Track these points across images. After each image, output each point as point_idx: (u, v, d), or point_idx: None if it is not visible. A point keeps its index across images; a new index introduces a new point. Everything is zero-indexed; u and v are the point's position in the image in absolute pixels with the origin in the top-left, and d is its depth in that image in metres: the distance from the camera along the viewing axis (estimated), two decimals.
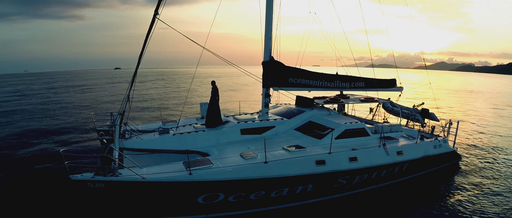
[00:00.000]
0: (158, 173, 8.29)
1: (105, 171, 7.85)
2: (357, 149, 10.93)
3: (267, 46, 13.24)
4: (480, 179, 13.78)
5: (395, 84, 16.87)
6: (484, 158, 16.92)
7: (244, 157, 9.55)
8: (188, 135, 11.27)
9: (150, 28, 10.54)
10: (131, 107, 11.20)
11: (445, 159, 14.25)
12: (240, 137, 11.71)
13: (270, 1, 12.92)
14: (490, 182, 13.45)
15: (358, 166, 10.67)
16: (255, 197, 9.37)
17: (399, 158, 11.89)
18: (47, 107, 35.25)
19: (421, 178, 13.40)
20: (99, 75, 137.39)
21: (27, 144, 18.42)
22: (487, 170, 15.01)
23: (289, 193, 9.85)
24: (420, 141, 13.11)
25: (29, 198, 11.17)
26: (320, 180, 10.12)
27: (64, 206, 10.17)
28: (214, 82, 12.50)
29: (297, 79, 13.94)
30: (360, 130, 12.36)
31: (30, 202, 10.79)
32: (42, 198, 11.06)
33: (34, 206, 10.52)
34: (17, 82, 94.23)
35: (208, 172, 8.52)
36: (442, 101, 43.93)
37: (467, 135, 22.47)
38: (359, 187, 11.45)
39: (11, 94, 51.98)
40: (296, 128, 12.76)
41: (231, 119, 13.04)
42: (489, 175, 14.34)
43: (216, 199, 8.86)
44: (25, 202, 10.81)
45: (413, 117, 16.01)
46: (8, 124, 25.17)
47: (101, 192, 7.80)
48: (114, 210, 8.46)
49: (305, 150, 10.39)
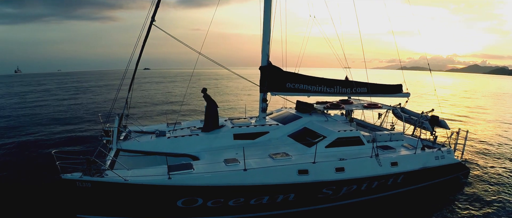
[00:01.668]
0: (141, 175, 8.56)
1: (92, 172, 8.26)
2: (345, 159, 10.56)
3: (264, 50, 13.14)
4: (485, 195, 12.86)
5: (401, 90, 16.16)
6: (497, 172, 15.63)
7: (226, 163, 9.56)
8: (182, 138, 11.46)
9: (147, 34, 11.02)
10: (129, 108, 11.63)
11: (449, 171, 13.46)
12: (232, 142, 11.70)
13: (268, 5, 12.82)
14: (499, 199, 12.46)
15: (344, 176, 10.29)
16: (234, 204, 9.39)
17: (393, 170, 11.35)
18: (71, 106, 36.87)
19: (421, 190, 12.77)
20: (129, 75, 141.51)
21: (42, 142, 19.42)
22: (499, 185, 13.93)
23: (269, 201, 9.74)
24: (420, 151, 12.49)
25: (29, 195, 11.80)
26: (302, 190, 9.87)
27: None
28: (205, 90, 12.63)
29: (294, 85, 13.70)
30: (355, 138, 11.94)
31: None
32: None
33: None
34: (51, 81, 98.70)
35: (187, 176, 8.67)
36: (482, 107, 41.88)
37: (487, 146, 20.91)
38: (348, 198, 11.06)
39: (44, 92, 54.72)
40: (289, 134, 12.49)
41: (229, 122, 13.06)
42: (497, 190, 13.33)
43: (194, 203, 9.01)
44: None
45: (420, 125, 15.14)
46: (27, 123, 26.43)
47: (89, 191, 8.29)
48: (100, 209, 8.86)
49: (291, 158, 10.18)
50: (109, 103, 40.05)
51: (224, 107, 35.25)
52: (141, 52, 11.30)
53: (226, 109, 34.68)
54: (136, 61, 11.43)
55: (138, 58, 11.40)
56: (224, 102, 40.19)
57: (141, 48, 11.22)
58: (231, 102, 40.19)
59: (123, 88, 11.57)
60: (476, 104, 46.49)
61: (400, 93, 16.14)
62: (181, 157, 10.85)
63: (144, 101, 41.43)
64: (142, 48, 11.23)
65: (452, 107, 41.01)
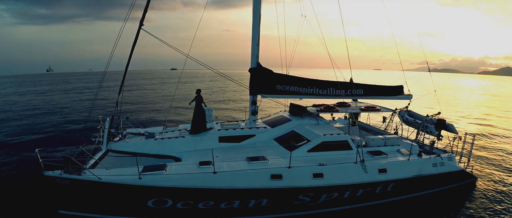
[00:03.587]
0: (115, 175, 8.84)
1: (70, 170, 8.71)
2: (325, 164, 10.19)
3: (253, 52, 13.01)
4: (491, 207, 11.84)
5: (402, 92, 15.26)
6: (510, 184, 14.36)
7: (200, 165, 9.60)
8: (168, 140, 11.64)
9: (136, 38, 11.25)
10: (120, 111, 11.93)
11: (450, 179, 12.72)
12: (217, 144, 11.72)
13: (257, 6, 12.70)
14: (507, 214, 11.48)
15: (323, 183, 9.92)
16: (204, 207, 9.40)
17: (381, 177, 10.81)
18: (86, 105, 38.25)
19: (417, 200, 12.03)
20: (156, 75, 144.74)
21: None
22: (510, 198, 12.76)
23: (240, 206, 9.64)
24: (416, 158, 11.86)
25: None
26: (276, 196, 9.65)
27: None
28: (199, 91, 12.76)
29: (285, 87, 13.44)
30: (342, 142, 11.51)
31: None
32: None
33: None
34: (79, 80, 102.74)
35: (156, 177, 8.83)
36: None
37: (505, 154, 19.51)
38: (329, 206, 10.64)
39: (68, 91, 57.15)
40: (276, 137, 12.26)
41: (219, 125, 13.09)
42: (506, 204, 12.17)
43: (165, 204, 9.13)
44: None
45: (425, 128, 14.34)
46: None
47: (67, 188, 8.76)
48: (79, 206, 9.25)
49: (267, 162, 10.00)
50: (129, 104, 41.33)
51: (229, 108, 35.49)
52: (130, 55, 11.57)
53: (229, 110, 34.80)
54: (126, 64, 11.74)
55: (128, 61, 11.70)
56: (230, 103, 40.33)
57: (130, 52, 11.53)
58: (240, 103, 40.28)
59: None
60: (504, 108, 44.23)
61: (402, 95, 15.26)
62: (165, 158, 11.04)
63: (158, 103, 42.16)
64: (131, 52, 11.52)
65: (478, 112, 39.24)
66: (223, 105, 38.95)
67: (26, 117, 30.35)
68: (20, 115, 31.71)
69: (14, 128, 24.88)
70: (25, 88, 69.89)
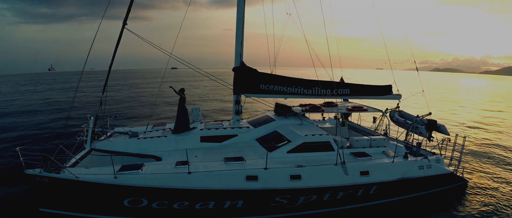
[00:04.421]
0: (93, 174, 8.92)
1: (48, 168, 8.84)
2: (303, 165, 10.01)
3: (237, 51, 12.98)
4: (481, 212, 11.46)
5: (391, 91, 15.03)
6: (503, 188, 13.76)
7: (176, 165, 9.61)
8: (151, 140, 11.70)
9: (119, 37, 11.34)
10: (105, 109, 12.01)
11: (438, 182, 12.37)
12: (199, 144, 11.73)
13: (241, 4, 12.66)
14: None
15: (300, 185, 9.75)
16: (178, 207, 9.41)
17: (362, 180, 10.55)
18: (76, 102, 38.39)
19: (402, 203, 11.74)
20: (157, 75, 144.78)
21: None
22: (501, 204, 12.30)
23: (216, 207, 9.59)
24: (401, 160, 11.55)
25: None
26: (251, 197, 9.57)
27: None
28: (183, 90, 12.80)
29: (269, 86, 13.36)
30: (324, 143, 11.33)
31: None
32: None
33: None
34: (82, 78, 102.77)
35: (132, 177, 8.89)
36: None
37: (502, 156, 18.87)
38: (308, 208, 10.46)
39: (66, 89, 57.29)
40: (257, 138, 12.18)
41: (202, 125, 13.09)
42: (496, 208, 11.79)
43: (140, 204, 9.19)
44: None
45: (415, 129, 14.04)
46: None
47: (47, 186, 8.89)
48: (59, 204, 9.36)
49: (243, 163, 9.92)
50: (119, 102, 41.33)
51: (219, 108, 35.50)
52: (114, 55, 11.67)
53: (219, 110, 34.89)
54: (110, 64, 11.83)
55: (112, 60, 11.79)
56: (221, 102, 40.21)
57: (114, 51, 11.63)
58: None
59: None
60: (503, 108, 44.08)
61: (390, 95, 15.05)
62: (146, 157, 11.11)
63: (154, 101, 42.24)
64: (115, 51, 11.62)
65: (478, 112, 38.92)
66: (222, 105, 39.06)
67: (16, 114, 30.71)
68: (14, 112, 32.03)
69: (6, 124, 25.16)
70: (24, 88, 70.11)
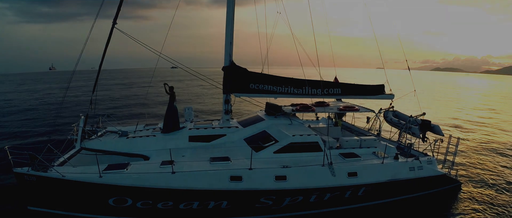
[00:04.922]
0: (78, 172, 8.98)
1: (36, 167, 8.88)
2: (289, 166, 9.90)
3: (227, 50, 12.97)
4: (477, 212, 11.32)
5: (383, 91, 14.83)
6: (497, 190, 13.61)
7: (161, 165, 9.59)
8: (140, 139, 11.74)
9: (109, 37, 11.42)
10: (95, 109, 12.07)
11: (430, 184, 12.21)
12: (187, 144, 11.74)
13: (231, 4, 12.67)
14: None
15: (286, 186, 9.65)
16: (163, 207, 9.41)
17: (350, 181, 10.42)
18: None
19: (395, 205, 11.60)
20: (157, 74, 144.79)
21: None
22: (494, 205, 12.15)
23: (200, 207, 9.58)
24: (392, 161, 11.39)
25: None
26: (236, 198, 9.53)
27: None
28: (172, 88, 12.82)
29: (259, 86, 13.29)
30: (312, 144, 11.23)
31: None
32: None
33: None
34: (80, 78, 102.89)
35: (116, 176, 8.93)
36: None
37: (497, 158, 18.73)
38: (294, 210, 10.37)
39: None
40: (246, 137, 12.10)
41: (192, 124, 13.08)
42: (489, 210, 11.67)
43: (125, 203, 9.23)
44: None
45: (408, 130, 13.86)
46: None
47: (35, 185, 8.95)
48: (47, 203, 9.41)
49: (228, 163, 9.87)
50: (115, 100, 41.35)
51: (215, 108, 35.46)
52: (104, 54, 11.75)
53: (217, 110, 34.76)
54: (100, 63, 11.90)
55: (101, 60, 11.88)
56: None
57: (104, 50, 11.70)
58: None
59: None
60: (501, 108, 43.99)
61: (382, 94, 14.85)
62: (135, 157, 11.16)
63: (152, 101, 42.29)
64: (105, 51, 11.70)
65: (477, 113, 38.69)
66: (219, 104, 38.93)
67: (12, 113, 31.00)
68: (11, 111, 32.27)
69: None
70: (24, 87, 70.19)
